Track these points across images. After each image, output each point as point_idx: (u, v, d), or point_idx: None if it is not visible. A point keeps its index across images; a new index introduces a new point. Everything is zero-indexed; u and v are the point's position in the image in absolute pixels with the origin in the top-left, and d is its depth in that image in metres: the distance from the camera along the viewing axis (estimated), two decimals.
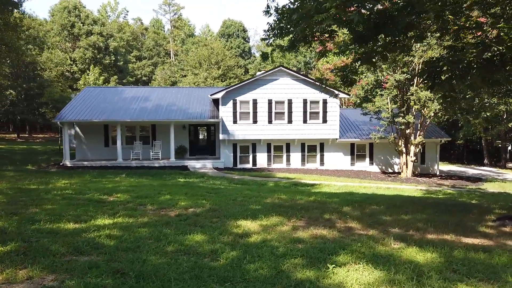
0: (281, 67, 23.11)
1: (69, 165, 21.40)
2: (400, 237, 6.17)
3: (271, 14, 8.23)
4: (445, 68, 8.50)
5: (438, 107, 19.75)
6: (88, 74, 42.45)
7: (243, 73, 57.11)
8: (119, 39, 62.79)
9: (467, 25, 8.12)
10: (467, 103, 16.39)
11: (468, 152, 45.45)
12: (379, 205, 10.33)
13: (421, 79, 8.54)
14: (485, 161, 37.02)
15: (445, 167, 32.16)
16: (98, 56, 48.75)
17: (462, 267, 4.60)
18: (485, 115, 20.15)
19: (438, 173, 24.38)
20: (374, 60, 8.97)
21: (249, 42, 73.29)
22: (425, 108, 19.95)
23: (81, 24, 49.12)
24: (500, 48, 6.39)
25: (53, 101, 34.65)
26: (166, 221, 6.85)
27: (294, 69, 48.83)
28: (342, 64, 13.72)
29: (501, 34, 6.30)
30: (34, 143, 41.52)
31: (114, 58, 51.86)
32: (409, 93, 19.51)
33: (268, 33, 8.46)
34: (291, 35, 8.20)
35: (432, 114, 20.62)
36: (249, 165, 23.41)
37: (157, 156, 22.86)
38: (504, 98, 14.37)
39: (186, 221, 7.04)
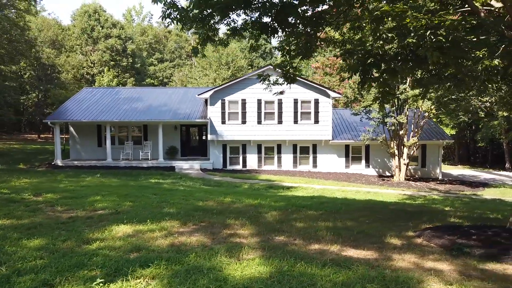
0: (270, 66, 22.42)
1: (60, 164, 21.73)
2: (271, 246, 5.55)
3: None
4: (370, 61, 7.72)
5: (432, 106, 18.53)
6: (102, 76, 43.38)
7: None
8: (142, 42, 63.94)
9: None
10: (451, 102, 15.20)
11: (493, 155, 42.75)
12: (319, 210, 9.62)
13: (351, 74, 7.77)
14: (507, 165, 34.57)
15: (459, 171, 30.28)
16: (116, 59, 49.79)
17: (276, 283, 3.96)
18: (484, 115, 18.66)
19: (440, 177, 22.82)
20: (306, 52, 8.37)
21: (270, 42, 72.72)
22: (416, 107, 18.76)
23: (100, 28, 50.37)
24: (389, 35, 5.60)
25: (58, 102, 35.60)
26: (38, 224, 6.54)
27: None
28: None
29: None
30: (52, 143, 42.82)
31: (131, 60, 52.78)
32: (398, 92, 18.34)
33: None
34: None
35: (426, 114, 19.35)
36: (239, 167, 22.90)
37: (147, 157, 22.81)
38: (479, 96, 13.14)
39: (65, 224, 6.71)
